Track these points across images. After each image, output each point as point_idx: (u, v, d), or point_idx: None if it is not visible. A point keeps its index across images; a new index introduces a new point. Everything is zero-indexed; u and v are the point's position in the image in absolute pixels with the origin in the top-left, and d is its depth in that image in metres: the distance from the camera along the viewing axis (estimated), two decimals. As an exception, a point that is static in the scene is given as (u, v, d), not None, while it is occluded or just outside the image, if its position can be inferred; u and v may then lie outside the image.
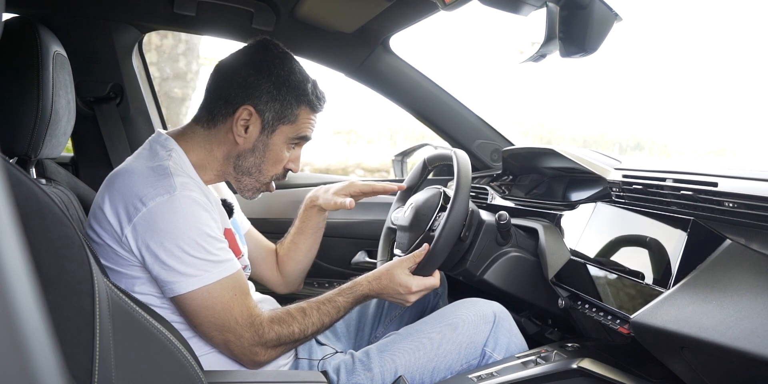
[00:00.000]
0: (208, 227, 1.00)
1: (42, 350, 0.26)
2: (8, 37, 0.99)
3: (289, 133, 1.13)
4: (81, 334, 0.61)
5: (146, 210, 0.97)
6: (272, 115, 1.11)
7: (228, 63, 1.14)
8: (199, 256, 0.98)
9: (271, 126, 1.11)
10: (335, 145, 9.38)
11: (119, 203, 0.99)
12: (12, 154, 1.00)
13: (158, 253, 0.96)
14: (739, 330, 0.76)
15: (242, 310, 1.02)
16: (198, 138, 1.13)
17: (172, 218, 0.97)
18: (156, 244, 0.96)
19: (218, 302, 1.00)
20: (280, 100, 1.10)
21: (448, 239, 1.18)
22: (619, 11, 0.90)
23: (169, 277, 0.97)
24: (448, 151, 1.34)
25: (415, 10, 1.49)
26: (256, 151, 1.13)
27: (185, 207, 0.98)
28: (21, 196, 0.57)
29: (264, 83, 1.09)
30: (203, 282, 0.98)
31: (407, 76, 1.83)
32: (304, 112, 1.14)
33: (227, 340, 1.02)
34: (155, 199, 0.97)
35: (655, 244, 0.99)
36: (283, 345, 1.06)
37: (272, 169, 1.16)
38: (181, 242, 0.96)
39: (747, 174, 0.91)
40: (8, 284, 0.25)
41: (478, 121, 1.92)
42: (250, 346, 1.03)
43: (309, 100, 1.13)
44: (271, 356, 1.06)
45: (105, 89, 1.76)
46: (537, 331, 1.44)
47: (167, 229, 0.96)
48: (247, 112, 1.09)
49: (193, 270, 0.98)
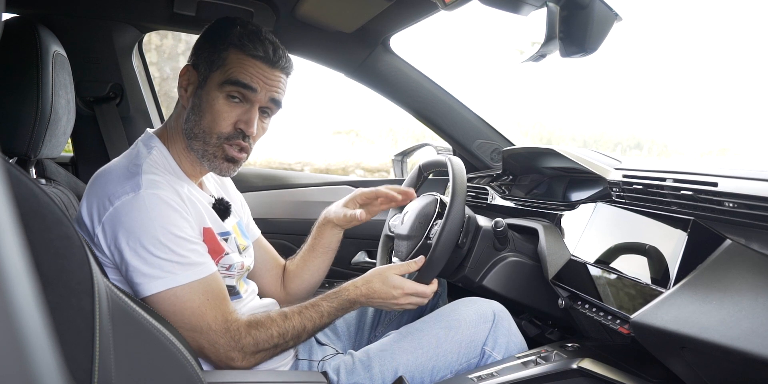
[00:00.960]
0: (175, 227, 0.97)
1: (42, 350, 0.26)
2: (8, 37, 0.99)
3: (218, 79, 1.06)
4: (81, 334, 0.61)
5: (113, 209, 0.95)
6: (204, 66, 1.08)
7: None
8: (164, 257, 0.95)
9: (204, 77, 1.08)
10: (335, 145, 9.38)
11: (93, 203, 0.98)
12: (12, 154, 1.00)
13: (123, 252, 0.94)
14: (739, 330, 0.76)
15: (216, 315, 0.98)
16: (171, 125, 1.13)
17: (135, 216, 0.95)
18: (122, 242, 0.94)
19: (187, 307, 0.96)
20: (208, 49, 1.08)
21: (446, 246, 1.19)
22: (619, 11, 0.90)
23: (134, 277, 0.95)
24: (443, 158, 1.34)
25: (415, 10, 1.49)
26: (195, 108, 1.08)
27: (149, 205, 0.96)
28: (21, 196, 0.57)
29: (200, 40, 1.11)
30: (169, 284, 0.95)
31: (407, 76, 1.83)
32: (234, 55, 1.06)
33: (201, 346, 0.99)
34: (121, 198, 0.96)
35: (655, 244, 0.99)
36: (262, 351, 1.02)
37: (214, 126, 1.06)
38: (144, 241, 0.94)
39: (747, 174, 0.91)
40: (8, 284, 0.25)
41: (478, 121, 1.92)
42: (225, 352, 0.99)
43: (235, 42, 1.06)
44: (250, 362, 1.02)
45: (105, 89, 1.76)
46: (537, 333, 1.44)
47: (131, 227, 0.94)
48: (186, 69, 1.10)
49: (158, 271, 0.94)
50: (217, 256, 1.08)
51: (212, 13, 1.60)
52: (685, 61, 17.20)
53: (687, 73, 16.87)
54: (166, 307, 0.95)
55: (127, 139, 1.78)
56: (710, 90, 15.91)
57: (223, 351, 0.99)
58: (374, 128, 10.56)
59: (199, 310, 0.97)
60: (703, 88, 16.22)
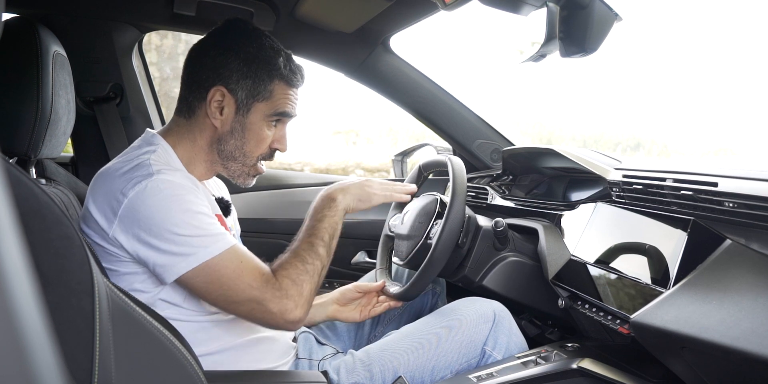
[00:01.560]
0: (193, 204, 0.98)
1: (42, 350, 0.26)
2: (8, 37, 0.99)
3: (266, 110, 1.10)
4: (81, 334, 0.61)
5: (127, 201, 0.95)
6: (245, 93, 1.08)
7: (197, 47, 1.12)
8: (192, 234, 0.95)
9: (245, 105, 1.09)
10: (335, 145, 9.37)
11: (103, 201, 0.98)
12: (12, 154, 1.00)
13: (150, 240, 0.95)
14: (739, 330, 0.76)
15: (253, 273, 0.99)
16: (182, 130, 1.11)
17: (152, 202, 0.95)
18: (145, 232, 0.95)
19: (225, 274, 0.97)
20: (251, 77, 1.07)
21: (446, 246, 1.19)
22: (619, 11, 0.90)
23: (167, 261, 0.95)
24: (443, 158, 1.34)
25: (415, 10, 1.49)
26: (236, 133, 1.10)
27: (164, 189, 0.96)
28: (21, 196, 0.57)
29: (233, 61, 1.07)
30: (203, 258, 0.95)
31: (407, 76, 1.83)
32: (280, 87, 1.10)
33: (252, 310, 0.99)
34: (134, 189, 0.95)
35: (655, 244, 0.99)
36: (302, 283, 1.02)
37: (256, 150, 1.12)
38: (169, 225, 0.94)
39: (747, 174, 0.91)
40: (8, 284, 0.25)
41: (478, 121, 1.92)
42: (278, 306, 0.99)
43: (282, 74, 1.09)
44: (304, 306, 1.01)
45: (105, 89, 1.76)
46: (537, 333, 1.44)
47: (151, 214, 0.94)
48: (219, 92, 1.07)
49: (189, 248, 0.95)
50: None
51: (212, 13, 1.60)
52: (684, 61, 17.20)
53: (687, 73, 16.87)
54: (204, 280, 0.96)
55: (127, 139, 1.78)
56: (710, 90, 15.91)
57: (275, 305, 0.99)
58: (374, 128, 10.56)
59: (237, 274, 0.97)
60: (702, 88, 16.22)
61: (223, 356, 1.07)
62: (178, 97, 1.13)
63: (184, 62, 1.13)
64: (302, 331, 1.28)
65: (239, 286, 0.97)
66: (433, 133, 1.99)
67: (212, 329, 1.06)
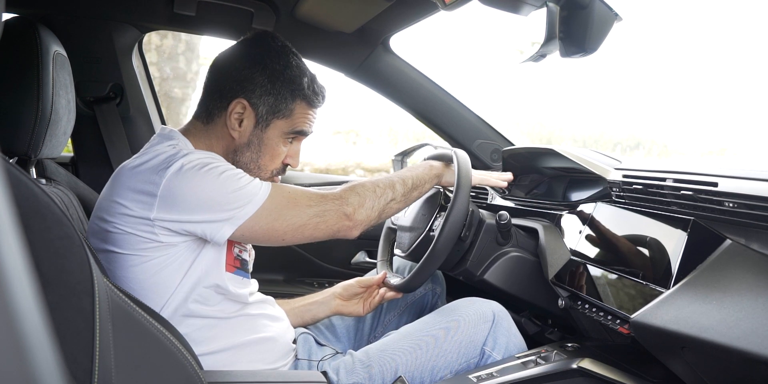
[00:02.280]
0: (222, 167, 1.01)
1: (42, 350, 0.26)
2: (8, 37, 0.99)
3: (284, 127, 1.12)
4: (81, 334, 0.61)
5: (165, 180, 0.96)
6: (266, 109, 1.10)
7: (224, 56, 1.13)
8: (236, 189, 0.99)
9: (265, 120, 1.11)
10: (335, 145, 9.37)
11: (136, 190, 0.98)
12: (12, 154, 1.00)
13: (200, 212, 0.97)
14: (739, 330, 0.76)
15: (306, 195, 1.05)
16: (199, 134, 1.12)
17: (190, 177, 0.97)
18: (193, 206, 0.97)
19: (283, 206, 1.02)
20: (274, 94, 1.09)
21: (449, 239, 1.18)
22: (619, 11, 0.90)
23: (223, 218, 0.98)
24: (449, 151, 1.34)
25: (415, 10, 1.49)
26: (252, 146, 1.12)
27: (197, 164, 0.99)
28: (21, 196, 0.57)
29: (258, 76, 1.09)
30: (258, 202, 0.99)
31: (407, 76, 1.83)
32: (300, 107, 1.12)
33: (317, 225, 1.05)
34: (167, 171, 0.97)
35: (655, 244, 0.99)
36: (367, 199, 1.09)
37: (270, 165, 1.15)
38: (212, 193, 0.97)
39: (747, 174, 0.91)
40: (8, 284, 0.25)
41: (478, 121, 1.92)
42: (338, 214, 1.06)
43: (305, 94, 1.12)
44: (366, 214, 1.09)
45: (105, 89, 1.76)
46: (537, 331, 1.44)
47: (194, 187, 0.97)
48: (241, 105, 1.09)
49: (239, 202, 0.98)
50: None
51: (212, 13, 1.60)
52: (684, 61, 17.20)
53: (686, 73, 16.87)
54: (266, 221, 1.01)
55: (127, 139, 1.78)
56: (710, 90, 15.91)
57: (334, 214, 1.06)
58: (374, 128, 10.56)
59: (292, 203, 1.03)
60: (702, 89, 16.22)
61: (223, 356, 1.07)
62: (199, 101, 1.14)
63: (208, 68, 1.14)
64: (301, 332, 1.28)
65: (299, 210, 1.03)
66: (433, 133, 1.99)
67: (212, 329, 1.06)
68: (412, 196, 1.19)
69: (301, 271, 2.00)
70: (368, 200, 1.10)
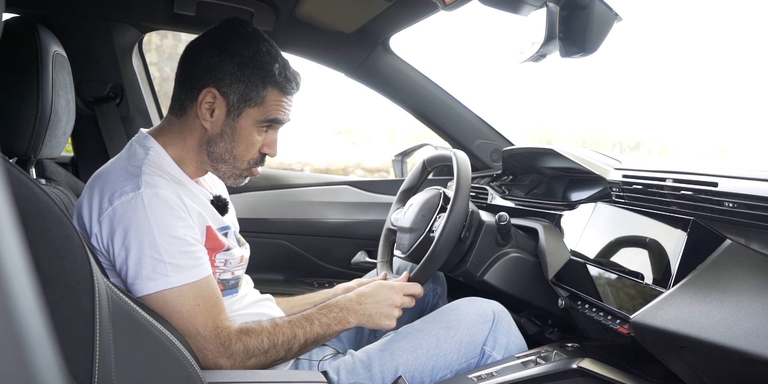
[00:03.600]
0: (172, 228, 0.96)
1: (42, 350, 0.26)
2: (8, 37, 0.99)
3: (257, 116, 1.08)
4: (81, 334, 0.61)
5: (111, 209, 0.95)
6: (237, 98, 1.06)
7: (193, 45, 1.11)
8: (159, 258, 0.94)
9: (237, 109, 1.07)
10: (335, 145, 9.37)
11: (93, 201, 0.98)
12: (12, 154, 1.00)
13: (120, 252, 0.95)
14: (739, 330, 0.76)
15: (206, 321, 0.97)
16: (173, 129, 1.11)
17: (132, 216, 0.94)
18: (117, 242, 0.95)
19: (176, 310, 0.95)
20: (244, 82, 1.06)
21: (448, 240, 1.19)
22: (619, 11, 0.90)
23: (128, 277, 0.95)
24: (448, 152, 1.34)
25: (415, 10, 1.49)
26: (225, 136, 1.08)
27: (148, 205, 0.95)
28: (21, 196, 0.57)
29: (227, 64, 1.06)
30: (159, 286, 0.94)
31: (407, 76, 1.83)
32: (273, 94, 1.08)
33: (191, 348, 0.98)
34: (120, 198, 0.95)
35: (655, 244, 0.99)
36: (253, 358, 1.01)
37: (246, 154, 1.11)
38: (140, 241, 0.94)
39: (747, 174, 0.91)
40: (8, 284, 0.25)
41: (478, 121, 1.92)
42: (213, 358, 0.98)
43: (276, 80, 1.07)
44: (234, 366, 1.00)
45: (105, 89, 1.76)
46: (537, 331, 1.44)
47: (128, 227, 0.94)
48: (211, 94, 1.06)
49: (150, 272, 0.94)
50: (216, 250, 1.08)
51: (212, 13, 1.60)
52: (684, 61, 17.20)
53: (686, 73, 16.87)
54: (156, 309, 0.94)
55: (127, 139, 1.78)
56: (710, 90, 15.91)
57: (211, 357, 0.98)
58: (374, 128, 10.56)
59: (189, 315, 0.96)
60: (702, 88, 16.22)
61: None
62: (172, 95, 1.12)
63: (179, 59, 1.12)
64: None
65: (187, 326, 0.96)
66: (433, 133, 1.99)
67: None
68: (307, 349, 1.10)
69: (301, 271, 2.00)
70: (253, 359, 1.01)
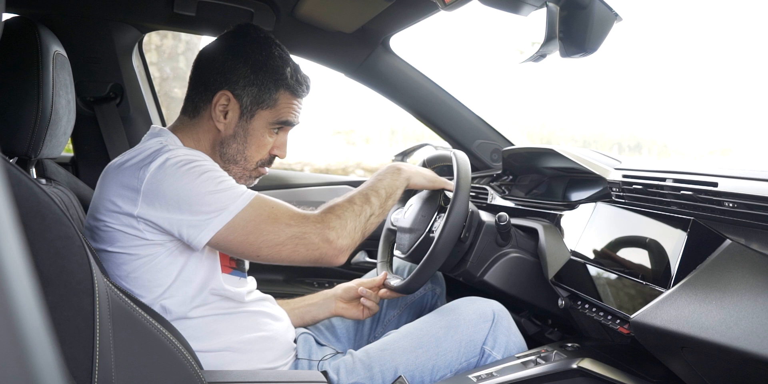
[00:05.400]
0: (209, 168, 1.01)
1: (42, 350, 0.26)
2: (8, 37, 0.99)
3: (269, 118, 1.13)
4: (81, 334, 0.61)
5: (149, 176, 0.97)
6: (250, 100, 1.10)
7: (208, 49, 1.14)
8: (218, 191, 0.98)
9: (249, 111, 1.11)
10: (335, 145, 9.38)
11: (122, 186, 0.99)
12: (12, 154, 1.00)
13: (180, 206, 0.97)
14: (739, 330, 0.76)
15: (288, 213, 1.02)
16: (186, 129, 1.14)
17: (173, 172, 0.97)
18: (173, 200, 0.97)
19: (261, 220, 0.99)
20: (257, 85, 1.10)
21: (448, 240, 1.19)
22: (619, 11, 0.90)
23: (200, 222, 0.97)
24: (448, 153, 1.34)
25: (415, 10, 1.49)
26: (238, 138, 1.12)
27: (181, 158, 0.99)
28: (21, 196, 0.57)
29: (241, 67, 1.09)
30: (235, 210, 0.98)
31: (407, 76, 1.83)
32: (284, 97, 1.13)
33: (296, 247, 1.01)
34: (151, 165, 0.98)
35: (655, 244, 0.99)
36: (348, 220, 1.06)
37: (256, 155, 1.15)
38: (194, 187, 0.97)
39: (747, 174, 0.91)
40: (8, 284, 0.25)
41: (478, 121, 1.92)
42: (320, 238, 1.02)
43: (288, 84, 1.12)
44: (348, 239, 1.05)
45: (105, 89, 1.76)
46: (537, 331, 1.44)
47: (175, 182, 0.97)
48: (225, 97, 1.10)
49: (218, 205, 0.97)
50: None
51: (212, 13, 1.60)
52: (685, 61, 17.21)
53: (687, 73, 16.88)
54: (242, 232, 0.98)
55: (127, 139, 1.78)
56: (710, 90, 15.92)
57: (316, 238, 1.02)
58: (374, 128, 10.57)
59: (272, 217, 1.00)
60: (703, 89, 16.22)
61: (223, 355, 1.07)
62: (185, 96, 1.15)
63: (193, 62, 1.15)
64: (302, 332, 1.28)
65: (278, 227, 1.00)
66: (433, 133, 1.99)
67: (212, 325, 1.07)
68: (388, 205, 1.15)
69: (301, 271, 2.00)
70: (350, 222, 1.06)
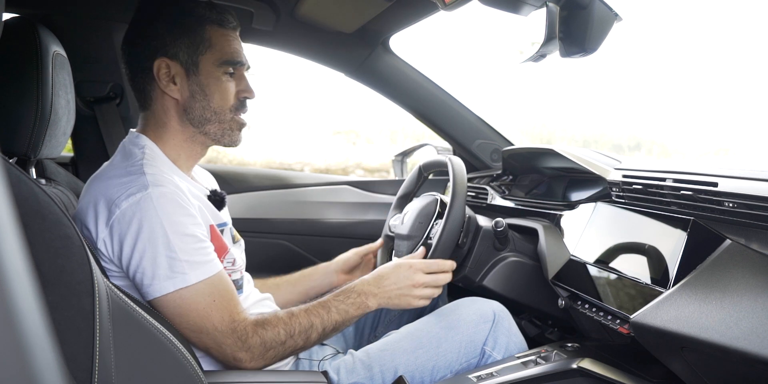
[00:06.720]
0: (183, 226, 0.96)
1: (42, 350, 0.26)
2: (8, 37, 0.99)
3: (212, 60, 1.07)
4: (81, 334, 0.61)
5: (119, 211, 0.94)
6: (186, 52, 1.05)
7: (124, 38, 1.11)
8: (174, 257, 0.94)
9: (192, 63, 1.06)
10: (335, 145, 9.38)
11: (98, 207, 0.96)
12: (12, 154, 1.00)
13: (133, 254, 0.93)
14: (739, 330, 0.76)
15: (222, 315, 0.97)
16: (151, 121, 1.10)
17: (145, 217, 0.93)
18: (129, 245, 0.93)
19: (193, 309, 0.95)
20: (184, 34, 1.05)
21: (446, 246, 1.19)
22: (619, 11, 0.90)
23: (144, 279, 0.94)
24: (444, 158, 1.34)
25: (415, 10, 1.49)
26: (197, 95, 1.07)
27: (158, 204, 0.94)
28: (21, 196, 0.57)
29: (160, 28, 1.05)
30: (178, 285, 0.94)
31: (407, 76, 1.83)
32: (215, 32, 1.07)
33: (207, 347, 0.98)
34: (128, 200, 0.94)
35: (655, 244, 0.99)
36: (271, 350, 1.01)
37: (224, 103, 1.09)
38: (156, 242, 0.93)
39: (747, 174, 0.91)
40: (8, 284, 0.25)
41: (478, 121, 1.92)
42: (232, 353, 0.98)
43: (211, 18, 1.06)
44: (259, 363, 1.01)
45: (105, 89, 1.76)
46: (537, 333, 1.44)
47: (141, 228, 0.93)
48: (164, 63, 1.05)
49: (168, 271, 0.93)
50: (222, 253, 1.08)
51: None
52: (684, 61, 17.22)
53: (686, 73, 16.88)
54: (173, 309, 0.95)
55: (127, 139, 1.78)
56: (710, 90, 15.92)
57: (230, 351, 0.98)
58: (374, 128, 10.56)
59: (205, 312, 0.96)
60: (702, 89, 16.23)
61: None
62: (133, 91, 1.11)
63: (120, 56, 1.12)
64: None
65: (204, 323, 0.96)
66: (433, 133, 1.99)
67: None
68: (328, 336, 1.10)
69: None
70: (271, 351, 1.01)
